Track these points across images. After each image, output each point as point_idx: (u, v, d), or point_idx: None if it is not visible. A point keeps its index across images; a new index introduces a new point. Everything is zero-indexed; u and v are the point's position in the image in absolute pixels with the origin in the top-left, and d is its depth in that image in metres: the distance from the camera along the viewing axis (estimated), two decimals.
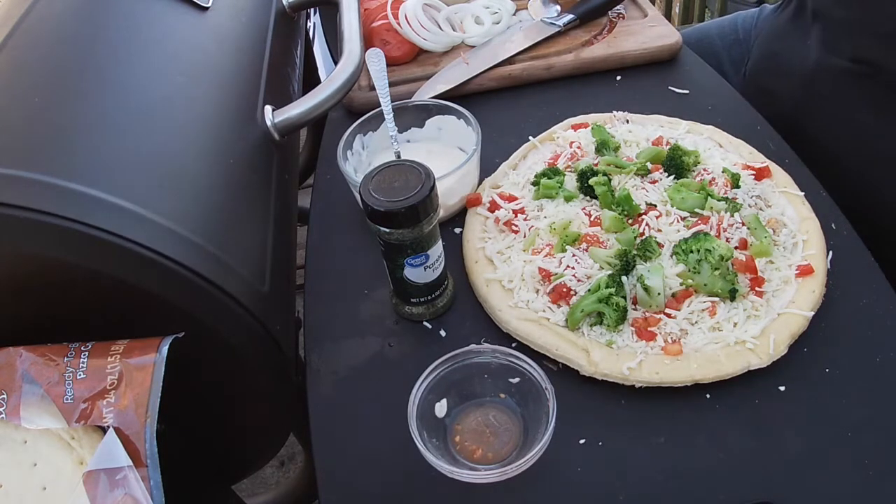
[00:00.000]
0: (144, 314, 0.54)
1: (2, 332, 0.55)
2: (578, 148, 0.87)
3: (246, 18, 0.83)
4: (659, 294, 0.68)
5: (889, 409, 0.63)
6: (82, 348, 0.54)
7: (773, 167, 0.83)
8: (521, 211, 0.80)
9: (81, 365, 0.53)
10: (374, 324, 0.75)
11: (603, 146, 0.86)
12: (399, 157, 0.85)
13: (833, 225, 0.78)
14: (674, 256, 0.71)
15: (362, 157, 0.88)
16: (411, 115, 0.89)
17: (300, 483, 1.24)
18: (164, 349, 0.53)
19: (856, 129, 0.96)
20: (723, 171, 0.81)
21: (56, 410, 0.52)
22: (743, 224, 0.74)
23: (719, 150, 0.86)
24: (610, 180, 0.79)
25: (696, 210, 0.76)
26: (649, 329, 0.68)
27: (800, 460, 0.60)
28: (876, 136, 0.94)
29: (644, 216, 0.76)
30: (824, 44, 0.98)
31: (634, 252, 0.72)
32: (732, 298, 0.69)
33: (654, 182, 0.81)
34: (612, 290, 0.68)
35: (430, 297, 0.73)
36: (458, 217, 0.85)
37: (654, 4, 1.15)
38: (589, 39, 1.07)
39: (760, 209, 0.78)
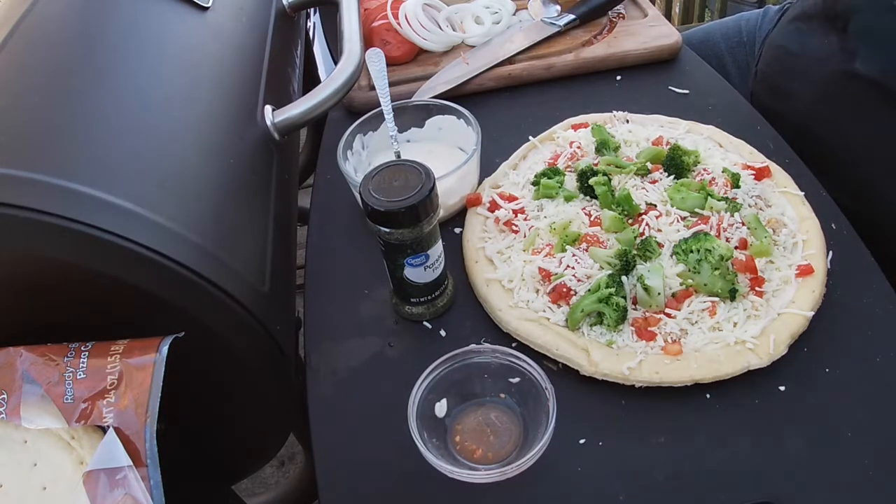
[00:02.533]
0: (144, 314, 0.54)
1: (2, 332, 0.55)
2: (578, 148, 0.87)
3: (246, 18, 0.83)
4: (659, 294, 0.68)
5: (889, 409, 0.63)
6: (82, 348, 0.54)
7: (773, 167, 0.83)
8: (521, 211, 0.80)
9: (81, 365, 0.53)
10: (374, 324, 0.75)
11: (603, 146, 0.86)
12: (399, 157, 0.85)
13: (833, 225, 0.78)
14: (674, 256, 0.71)
15: (362, 157, 0.88)
16: (411, 115, 0.89)
17: (300, 483, 1.24)
18: (164, 349, 0.53)
19: (870, 133, 0.95)
20: (723, 171, 0.81)
21: (56, 410, 0.52)
22: (743, 224, 0.74)
23: (719, 150, 0.86)
24: (610, 180, 0.79)
25: (696, 210, 0.76)
26: (649, 329, 0.68)
27: (800, 460, 0.60)
28: (888, 140, 0.93)
29: (644, 216, 0.76)
30: (845, 51, 0.96)
31: (634, 252, 0.72)
32: (732, 298, 0.69)
33: (654, 182, 0.81)
34: (612, 290, 0.68)
35: (430, 297, 0.73)
36: (458, 217, 0.85)
37: (654, 4, 1.15)
38: (589, 39, 1.08)
39: (760, 209, 0.78)
